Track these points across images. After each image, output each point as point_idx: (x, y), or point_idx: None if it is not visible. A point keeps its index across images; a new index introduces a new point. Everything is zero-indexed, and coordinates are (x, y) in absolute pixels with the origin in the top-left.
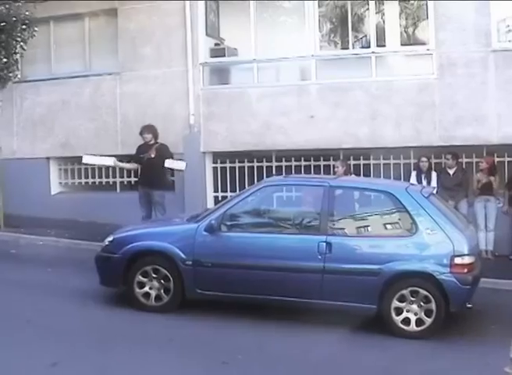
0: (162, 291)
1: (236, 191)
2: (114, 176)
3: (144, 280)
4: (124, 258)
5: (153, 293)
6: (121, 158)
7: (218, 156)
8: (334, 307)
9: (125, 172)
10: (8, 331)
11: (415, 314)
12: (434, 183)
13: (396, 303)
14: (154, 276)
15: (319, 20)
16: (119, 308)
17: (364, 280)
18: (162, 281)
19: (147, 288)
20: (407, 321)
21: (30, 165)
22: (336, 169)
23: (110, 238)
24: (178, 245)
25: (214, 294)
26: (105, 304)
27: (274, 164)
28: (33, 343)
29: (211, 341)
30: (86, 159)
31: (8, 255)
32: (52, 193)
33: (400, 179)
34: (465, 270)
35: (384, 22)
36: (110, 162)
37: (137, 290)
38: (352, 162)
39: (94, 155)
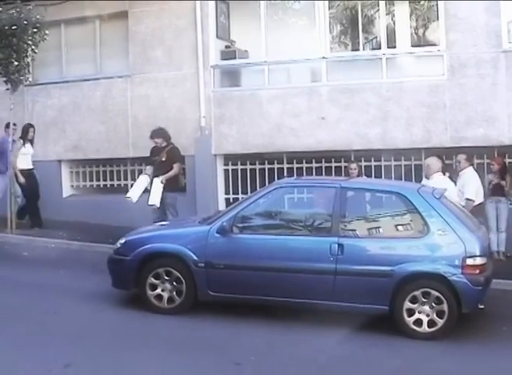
0: (175, 292)
1: (247, 193)
2: (126, 179)
3: (156, 282)
4: (136, 261)
5: (165, 295)
6: (132, 160)
7: (229, 158)
8: (346, 308)
9: (136, 174)
10: (21, 333)
11: (427, 315)
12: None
13: (408, 304)
14: (166, 278)
15: (330, 22)
16: (131, 310)
17: (375, 281)
18: (174, 283)
19: (159, 290)
20: (419, 322)
21: (41, 168)
22: (350, 171)
23: (122, 240)
24: (190, 247)
25: (226, 296)
26: (117, 306)
27: (285, 166)
28: (46, 345)
29: (224, 343)
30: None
31: (20, 257)
32: (64, 196)
33: (412, 180)
34: (477, 271)
35: (394, 23)
36: (144, 180)
37: (149, 292)
38: (363, 164)
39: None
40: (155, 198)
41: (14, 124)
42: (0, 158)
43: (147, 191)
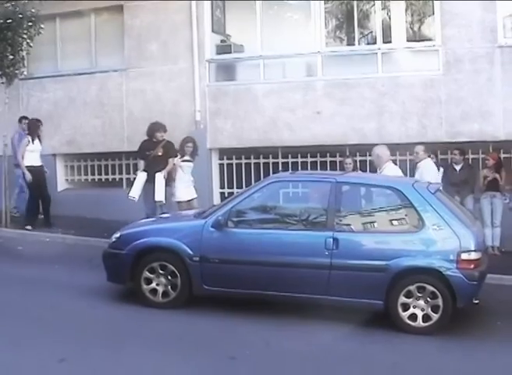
0: (169, 287)
1: (242, 188)
2: (120, 173)
3: (151, 276)
4: (131, 255)
5: (160, 289)
6: (127, 154)
7: (224, 153)
8: (341, 303)
9: (131, 168)
10: (15, 328)
11: (422, 310)
12: (440, 179)
13: (402, 299)
14: (161, 272)
15: (325, 16)
16: (126, 304)
17: (370, 275)
18: (169, 277)
19: (154, 284)
20: (413, 317)
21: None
22: (345, 166)
23: (117, 235)
24: (185, 241)
25: (221, 290)
26: (112, 300)
27: (280, 160)
28: (40, 339)
29: (219, 337)
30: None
31: (15, 251)
32: (59, 190)
33: (407, 175)
34: (472, 266)
35: (390, 18)
36: (143, 177)
37: (144, 286)
38: (358, 158)
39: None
40: (159, 194)
41: (26, 118)
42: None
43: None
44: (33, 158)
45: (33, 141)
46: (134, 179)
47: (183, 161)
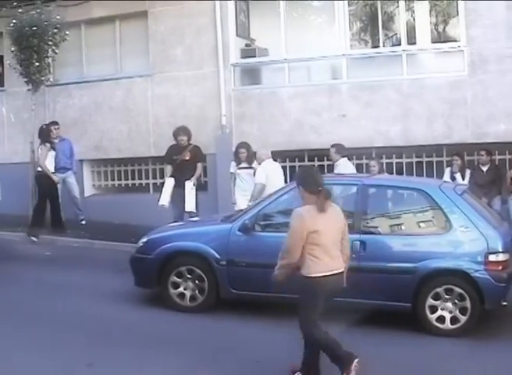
0: (197, 291)
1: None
2: (147, 178)
3: (179, 280)
4: (158, 259)
5: (187, 293)
6: (153, 160)
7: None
8: (369, 306)
9: (158, 173)
10: (44, 332)
11: (450, 312)
12: (467, 180)
13: (430, 301)
14: (188, 276)
15: (349, 19)
16: (153, 308)
17: (398, 278)
18: (197, 281)
19: (181, 289)
20: (441, 319)
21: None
22: (371, 168)
23: (144, 239)
24: (212, 245)
25: (248, 294)
26: (140, 304)
27: (306, 163)
28: (68, 344)
29: (245, 341)
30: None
31: (43, 257)
32: (86, 195)
33: (433, 177)
34: (500, 267)
35: (414, 19)
36: (171, 183)
37: (172, 290)
38: (384, 161)
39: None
40: (190, 204)
41: (56, 123)
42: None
43: None
44: (49, 164)
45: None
46: (162, 185)
47: (240, 168)
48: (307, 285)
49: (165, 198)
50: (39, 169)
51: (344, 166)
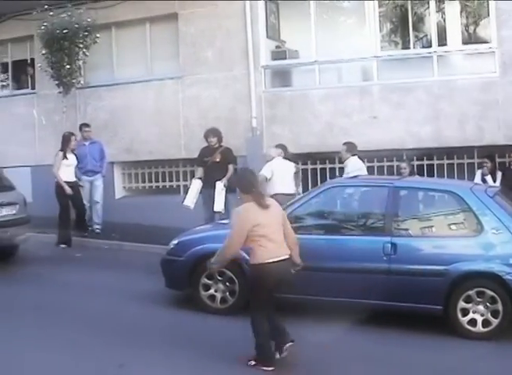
0: (228, 293)
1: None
2: (177, 180)
3: (210, 282)
4: (189, 261)
5: (218, 295)
6: (184, 161)
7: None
8: (400, 308)
9: (188, 175)
10: (74, 333)
11: (481, 315)
12: (498, 182)
13: (462, 304)
14: (219, 278)
15: (379, 20)
16: (184, 310)
17: (429, 280)
18: (227, 283)
19: (212, 291)
20: (473, 322)
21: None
22: (402, 170)
23: (175, 241)
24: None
25: (279, 296)
26: (171, 306)
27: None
28: (99, 344)
29: None
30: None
31: (73, 258)
32: (117, 197)
33: (464, 179)
34: None
35: (445, 21)
36: (199, 185)
37: (203, 292)
38: (415, 163)
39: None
40: (218, 204)
41: (87, 125)
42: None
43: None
44: (68, 173)
45: (66, 155)
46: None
47: None
48: (256, 271)
49: (190, 199)
50: (56, 178)
51: (353, 165)
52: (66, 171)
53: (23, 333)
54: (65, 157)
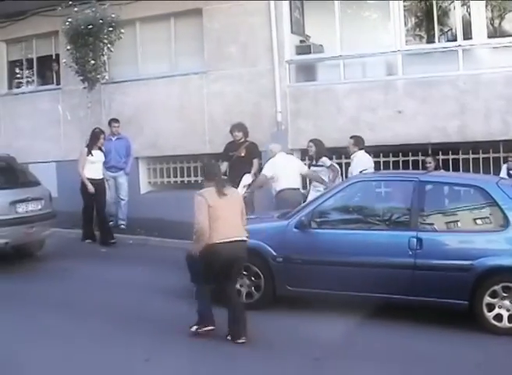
0: (253, 288)
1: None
2: (202, 175)
3: None
4: None
5: (244, 290)
6: (208, 157)
7: (306, 153)
8: (425, 303)
9: None
10: (101, 328)
11: (507, 310)
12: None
13: (487, 299)
14: (244, 273)
15: (404, 15)
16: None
17: (455, 275)
18: (253, 278)
19: (237, 286)
20: (499, 317)
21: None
22: (427, 165)
23: None
24: (268, 242)
25: (304, 291)
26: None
27: None
28: (126, 339)
29: (303, 338)
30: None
31: (99, 253)
32: (142, 192)
33: (490, 173)
34: None
35: (470, 14)
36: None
37: None
38: (441, 157)
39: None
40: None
41: (116, 121)
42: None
43: None
44: (93, 170)
45: (91, 152)
46: None
47: (310, 166)
48: (206, 250)
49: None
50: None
51: (359, 159)
52: (92, 168)
53: (49, 327)
54: (90, 153)
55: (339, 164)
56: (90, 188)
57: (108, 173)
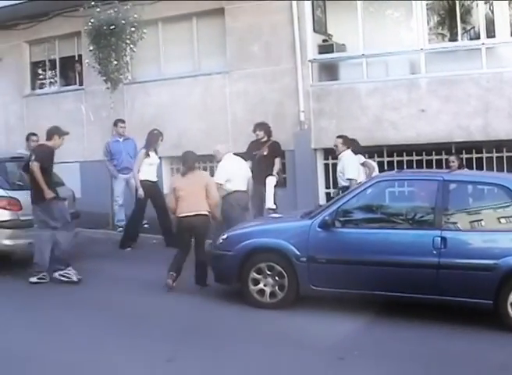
0: (277, 287)
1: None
2: None
3: (259, 276)
4: (238, 256)
5: (267, 290)
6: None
7: (329, 153)
8: (449, 303)
9: None
10: (125, 328)
11: None
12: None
13: None
14: (268, 273)
15: (427, 13)
16: (233, 305)
17: (479, 275)
18: (277, 278)
19: (261, 285)
20: None
21: None
22: (451, 164)
23: (224, 236)
24: (292, 242)
25: (328, 291)
26: (220, 301)
27: (385, 159)
28: (149, 339)
29: (327, 337)
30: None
31: (122, 253)
32: (165, 191)
33: None
34: None
35: (493, 12)
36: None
37: (252, 287)
38: (464, 156)
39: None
40: (270, 201)
41: (123, 121)
42: (112, 160)
43: None
44: (150, 172)
45: (148, 153)
46: None
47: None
48: (177, 222)
49: (268, 197)
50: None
51: (348, 158)
52: (149, 170)
53: (71, 328)
54: (147, 155)
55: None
56: (141, 194)
57: (121, 175)
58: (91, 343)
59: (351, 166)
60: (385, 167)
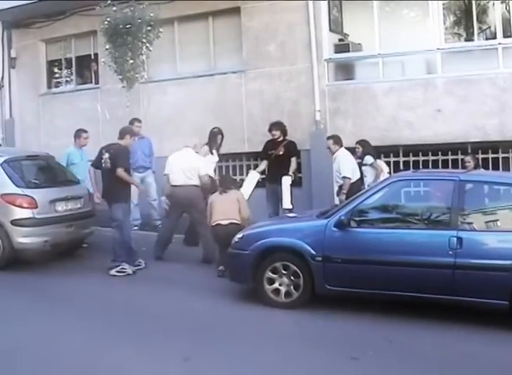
0: (292, 287)
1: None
2: (241, 174)
3: (274, 276)
4: (254, 255)
5: (283, 289)
6: (247, 155)
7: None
8: (465, 303)
9: (252, 169)
10: (140, 326)
11: None
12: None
13: None
14: (283, 272)
15: (443, 13)
16: (248, 304)
17: (495, 275)
18: (292, 277)
19: (276, 284)
20: None
21: (157, 164)
22: (467, 164)
23: (240, 235)
24: (308, 241)
25: (343, 290)
26: (235, 300)
27: (401, 159)
28: (164, 338)
29: (341, 337)
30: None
31: (139, 252)
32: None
33: None
34: None
35: (509, 12)
36: (256, 177)
37: (267, 286)
38: (480, 156)
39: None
40: (287, 201)
41: (139, 120)
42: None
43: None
44: (211, 170)
45: (211, 151)
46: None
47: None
48: (212, 230)
49: (246, 189)
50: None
51: (344, 157)
52: (211, 168)
53: (86, 327)
54: (211, 153)
55: None
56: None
57: (136, 174)
58: (107, 339)
59: (346, 164)
60: (401, 167)
